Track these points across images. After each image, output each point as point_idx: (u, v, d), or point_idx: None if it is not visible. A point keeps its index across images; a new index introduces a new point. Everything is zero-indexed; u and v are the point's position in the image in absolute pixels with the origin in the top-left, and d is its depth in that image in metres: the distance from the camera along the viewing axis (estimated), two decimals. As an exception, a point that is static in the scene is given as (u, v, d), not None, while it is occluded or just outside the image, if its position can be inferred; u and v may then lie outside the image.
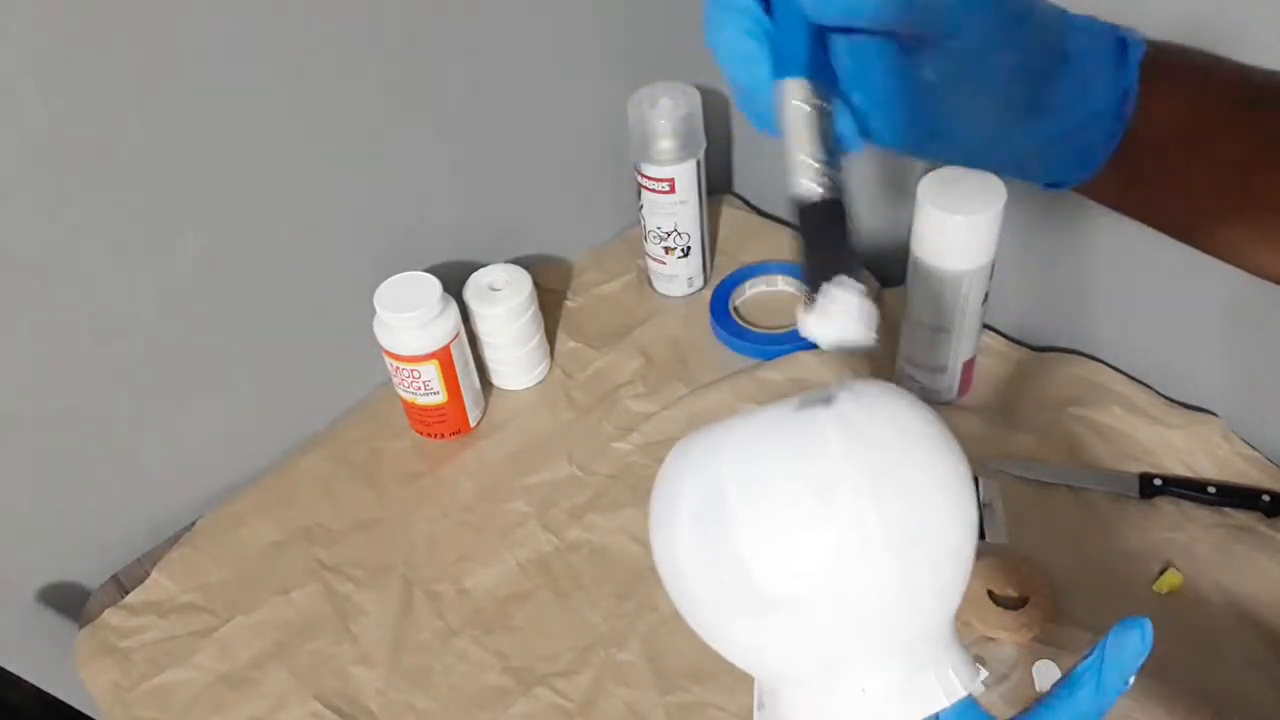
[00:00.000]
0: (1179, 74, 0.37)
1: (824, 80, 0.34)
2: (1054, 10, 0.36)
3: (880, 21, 0.33)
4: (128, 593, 0.79)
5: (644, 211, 0.93)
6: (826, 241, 0.34)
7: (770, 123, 0.35)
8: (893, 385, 0.36)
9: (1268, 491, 0.75)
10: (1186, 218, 0.41)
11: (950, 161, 0.39)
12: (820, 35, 0.34)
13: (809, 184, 0.34)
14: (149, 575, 0.79)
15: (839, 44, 0.35)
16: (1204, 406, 0.81)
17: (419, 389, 0.82)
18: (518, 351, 0.88)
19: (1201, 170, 0.38)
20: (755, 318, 0.95)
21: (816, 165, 0.33)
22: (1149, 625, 0.33)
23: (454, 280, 0.85)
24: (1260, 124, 0.37)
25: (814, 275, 0.33)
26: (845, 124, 0.36)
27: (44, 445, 0.75)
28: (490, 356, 0.89)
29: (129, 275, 0.73)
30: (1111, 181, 0.39)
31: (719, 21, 0.34)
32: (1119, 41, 0.36)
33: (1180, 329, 0.79)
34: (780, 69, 0.34)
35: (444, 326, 0.80)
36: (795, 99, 0.34)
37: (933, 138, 0.37)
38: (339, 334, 0.86)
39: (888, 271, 0.98)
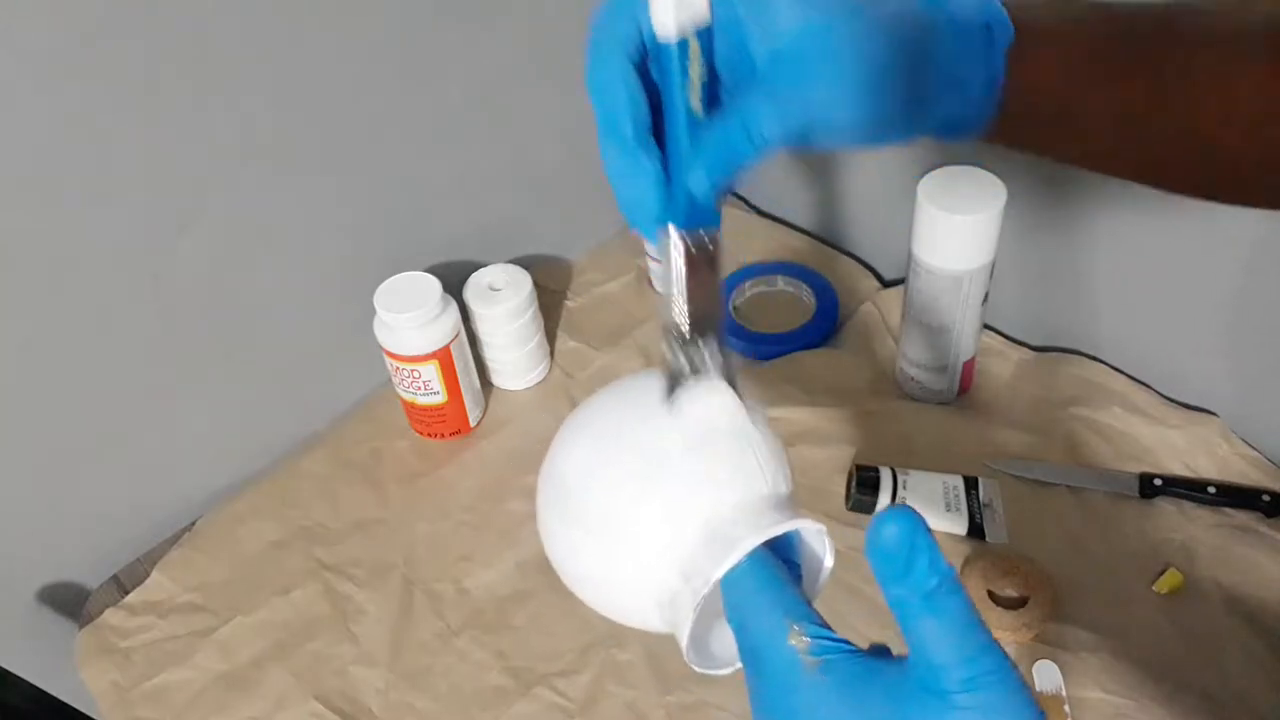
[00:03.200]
0: (1045, 27, 0.40)
1: (709, 221, 0.38)
2: (923, 19, 0.38)
3: (764, 155, 0.37)
4: (128, 593, 0.79)
5: (644, 211, 0.93)
6: (693, 362, 0.39)
7: (654, 237, 0.39)
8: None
9: (1268, 491, 0.75)
10: (1074, 151, 0.44)
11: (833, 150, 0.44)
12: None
13: (680, 319, 0.38)
14: (149, 575, 0.79)
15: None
16: (1204, 406, 0.81)
17: (419, 389, 0.82)
18: (518, 351, 0.88)
19: (1083, 106, 0.41)
20: (755, 318, 0.95)
21: (686, 302, 0.38)
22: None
23: (454, 280, 0.85)
24: (1134, 62, 0.41)
25: (674, 381, 0.39)
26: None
27: (44, 445, 0.75)
28: (490, 356, 0.89)
29: (129, 275, 0.73)
30: (1002, 132, 0.41)
31: (626, 170, 0.37)
32: (985, 29, 0.39)
33: (1180, 329, 0.79)
34: (666, 216, 0.37)
35: (444, 326, 0.80)
36: (676, 247, 0.37)
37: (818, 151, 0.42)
38: (339, 334, 0.86)
39: (888, 271, 0.98)
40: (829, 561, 0.40)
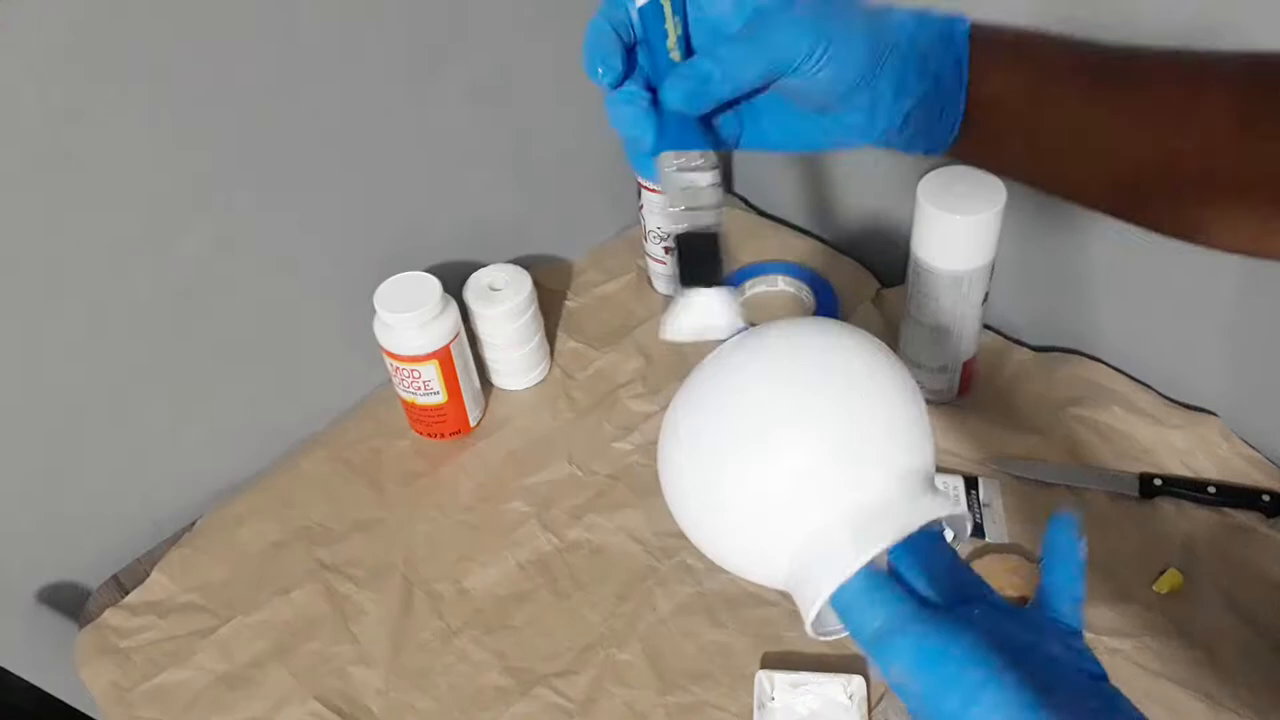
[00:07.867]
0: (1011, 45, 0.43)
1: (696, 144, 0.43)
2: (883, 10, 0.42)
3: (736, 91, 0.41)
4: (128, 593, 0.79)
5: (644, 211, 0.93)
6: (696, 265, 0.44)
7: (651, 175, 0.43)
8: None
9: (1268, 491, 0.75)
10: (1039, 171, 0.46)
11: (824, 149, 0.46)
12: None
13: (680, 227, 0.43)
14: (149, 575, 0.79)
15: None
16: (1204, 406, 0.81)
17: (419, 389, 0.82)
18: (518, 351, 0.88)
19: (1043, 125, 0.43)
20: (755, 318, 0.95)
21: (685, 212, 0.43)
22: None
23: (454, 280, 0.85)
24: (1091, 84, 0.43)
25: (682, 285, 0.43)
26: (725, 130, 0.45)
27: (45, 445, 0.75)
28: (490, 356, 0.89)
29: (130, 275, 0.73)
30: (974, 144, 0.44)
31: (617, 113, 0.43)
32: (945, 21, 0.42)
33: (1180, 329, 0.79)
34: (659, 146, 0.43)
35: (444, 326, 0.80)
36: (668, 167, 0.43)
37: (803, 144, 0.46)
38: (339, 334, 0.86)
39: (888, 271, 0.98)
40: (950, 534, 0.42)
